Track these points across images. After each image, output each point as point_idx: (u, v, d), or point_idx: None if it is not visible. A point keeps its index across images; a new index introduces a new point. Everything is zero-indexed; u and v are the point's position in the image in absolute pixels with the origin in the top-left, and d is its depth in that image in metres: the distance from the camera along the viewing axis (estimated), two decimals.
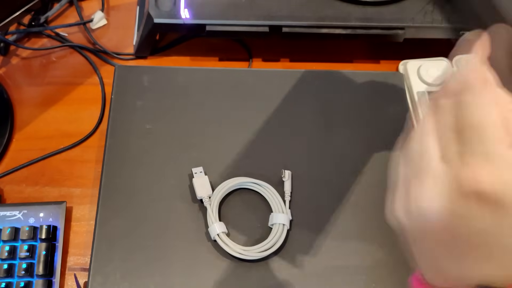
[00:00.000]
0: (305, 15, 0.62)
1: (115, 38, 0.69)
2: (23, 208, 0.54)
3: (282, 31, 0.62)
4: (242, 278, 0.51)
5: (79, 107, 0.63)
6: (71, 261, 0.54)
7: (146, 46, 0.66)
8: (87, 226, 0.56)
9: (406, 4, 0.63)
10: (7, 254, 0.51)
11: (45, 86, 0.64)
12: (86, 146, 0.61)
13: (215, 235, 0.51)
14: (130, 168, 0.55)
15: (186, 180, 0.55)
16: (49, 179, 0.58)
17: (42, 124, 0.62)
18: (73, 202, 0.57)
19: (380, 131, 0.59)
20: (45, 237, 0.52)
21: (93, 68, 0.66)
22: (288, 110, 0.60)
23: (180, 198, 0.54)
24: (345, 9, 0.62)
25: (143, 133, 0.57)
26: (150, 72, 0.62)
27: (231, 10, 0.61)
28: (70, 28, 0.69)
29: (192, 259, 0.51)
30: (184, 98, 0.60)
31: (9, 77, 0.65)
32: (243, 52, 0.68)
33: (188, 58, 0.68)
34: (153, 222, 0.53)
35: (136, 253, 0.51)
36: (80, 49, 0.67)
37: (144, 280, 0.50)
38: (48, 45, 0.68)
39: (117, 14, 0.71)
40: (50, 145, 0.60)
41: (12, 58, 0.67)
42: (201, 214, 0.53)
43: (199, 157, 0.56)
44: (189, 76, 0.61)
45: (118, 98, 0.59)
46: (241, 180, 0.54)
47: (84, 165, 0.59)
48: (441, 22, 0.63)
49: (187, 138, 0.57)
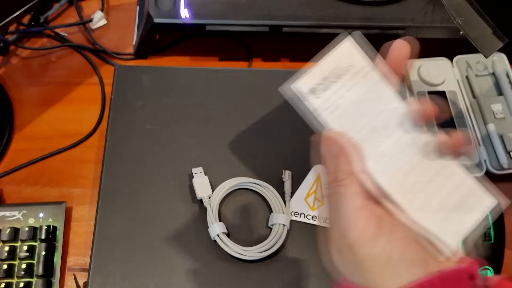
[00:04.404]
0: (306, 15, 0.62)
1: (115, 38, 0.69)
2: (22, 208, 0.54)
3: (282, 31, 0.61)
4: (242, 278, 0.51)
5: (79, 107, 0.63)
6: (71, 262, 0.54)
7: (146, 46, 0.66)
8: (87, 226, 0.56)
9: (407, 4, 0.63)
10: (7, 254, 0.51)
11: (44, 86, 0.64)
12: (86, 146, 0.61)
13: (215, 235, 0.51)
14: (130, 168, 0.55)
15: (186, 180, 0.55)
16: (49, 179, 0.58)
17: (41, 124, 0.62)
18: (73, 202, 0.57)
19: None
20: (45, 237, 0.52)
21: (92, 68, 0.66)
22: (288, 110, 0.59)
23: (180, 198, 0.54)
24: (345, 9, 0.62)
25: (143, 133, 0.57)
26: (150, 72, 0.62)
27: (231, 10, 0.61)
28: (69, 28, 0.69)
29: (192, 259, 0.51)
30: (184, 98, 0.59)
31: (9, 77, 0.65)
32: (243, 52, 0.68)
33: (188, 58, 0.68)
34: (153, 222, 0.52)
35: (136, 253, 0.51)
36: (79, 49, 0.67)
37: (144, 280, 0.50)
38: (48, 45, 0.67)
39: (117, 14, 0.71)
40: (49, 145, 0.60)
41: (12, 58, 0.66)
42: (201, 214, 0.53)
43: (199, 157, 0.56)
44: (189, 76, 0.61)
45: (118, 98, 0.59)
46: (241, 180, 0.54)
47: (84, 165, 0.59)
48: (441, 22, 0.62)
49: (187, 138, 0.57)
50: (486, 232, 0.55)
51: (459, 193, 0.31)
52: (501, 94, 0.64)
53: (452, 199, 0.31)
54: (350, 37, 0.32)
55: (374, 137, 0.31)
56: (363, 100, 0.31)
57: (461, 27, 0.38)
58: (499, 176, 0.60)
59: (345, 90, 0.31)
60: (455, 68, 0.66)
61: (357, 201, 0.29)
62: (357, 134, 0.31)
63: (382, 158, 0.30)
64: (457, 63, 0.66)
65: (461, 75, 0.66)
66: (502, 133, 0.61)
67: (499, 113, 0.62)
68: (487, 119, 0.62)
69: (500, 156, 0.59)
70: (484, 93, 0.64)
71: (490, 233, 0.55)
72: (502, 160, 0.59)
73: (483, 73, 0.65)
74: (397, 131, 0.31)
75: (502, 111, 0.62)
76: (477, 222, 0.31)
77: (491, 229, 0.55)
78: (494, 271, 0.54)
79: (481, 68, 0.66)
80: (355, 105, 0.31)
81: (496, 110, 0.62)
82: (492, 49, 0.38)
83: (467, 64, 0.66)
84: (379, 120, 0.31)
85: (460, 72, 0.66)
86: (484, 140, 0.61)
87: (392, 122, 0.31)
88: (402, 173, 0.31)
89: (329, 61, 0.31)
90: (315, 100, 0.31)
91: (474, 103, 0.64)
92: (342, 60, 0.31)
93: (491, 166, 0.60)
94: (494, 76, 0.65)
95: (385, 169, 0.30)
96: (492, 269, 0.54)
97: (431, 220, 0.30)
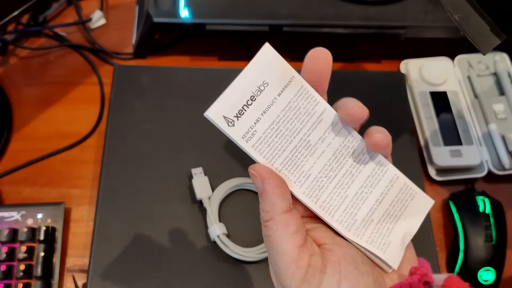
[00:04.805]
0: (306, 14, 0.61)
1: (114, 37, 0.68)
2: (21, 209, 0.54)
3: (282, 30, 0.61)
4: (242, 279, 0.50)
5: (78, 107, 0.63)
6: (70, 263, 0.54)
7: (145, 45, 0.66)
8: (86, 227, 0.55)
9: (408, 4, 0.63)
10: (6, 255, 0.51)
11: (43, 86, 0.64)
12: (85, 146, 0.60)
13: (214, 236, 0.51)
14: (129, 169, 0.55)
15: (185, 180, 0.55)
16: (48, 180, 0.58)
17: (40, 124, 0.61)
18: (72, 203, 0.57)
19: None
20: (44, 238, 0.52)
21: (92, 68, 0.66)
22: None
23: (180, 199, 0.54)
24: (346, 9, 0.62)
25: (142, 133, 0.57)
26: (150, 72, 0.61)
27: (231, 10, 0.61)
28: (68, 27, 0.68)
29: (191, 260, 0.51)
30: (184, 98, 0.59)
31: (8, 77, 0.64)
32: (243, 52, 0.68)
33: (188, 57, 0.68)
34: (153, 223, 0.52)
35: (135, 254, 0.51)
36: (79, 48, 0.67)
37: (143, 281, 0.50)
38: (47, 44, 0.67)
39: (116, 13, 0.70)
40: (48, 145, 0.60)
41: (11, 58, 0.66)
42: (200, 215, 0.53)
43: (198, 158, 0.56)
44: (189, 76, 0.61)
45: (117, 98, 0.59)
46: (241, 181, 0.54)
47: (82, 166, 0.59)
48: (442, 22, 0.62)
49: (187, 139, 0.57)
50: (488, 233, 0.54)
51: (399, 198, 0.30)
52: (503, 94, 0.63)
53: (394, 206, 0.29)
54: (267, 45, 0.27)
55: (297, 157, 0.28)
56: (283, 118, 0.27)
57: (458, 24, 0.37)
58: (500, 177, 0.60)
59: (263, 111, 0.27)
60: (456, 68, 0.66)
61: (284, 244, 0.26)
62: (279, 159, 0.27)
63: (307, 179, 0.28)
64: (459, 63, 0.66)
65: (463, 75, 0.65)
66: (503, 133, 0.60)
67: (500, 113, 0.62)
68: (488, 119, 0.62)
69: (502, 156, 0.59)
70: (485, 93, 0.64)
71: (492, 234, 0.54)
72: (504, 160, 0.59)
73: (485, 73, 0.65)
74: (324, 142, 0.28)
75: (504, 111, 0.62)
76: (419, 225, 0.30)
77: (493, 230, 0.55)
78: (496, 272, 0.54)
79: (482, 68, 0.65)
80: (274, 126, 0.27)
81: (497, 110, 0.62)
82: (489, 46, 0.38)
83: (468, 64, 0.66)
84: (303, 134, 0.28)
85: (461, 72, 0.65)
86: (485, 140, 0.61)
87: (317, 133, 0.28)
88: (330, 190, 0.28)
89: (245, 77, 0.27)
90: (230, 129, 0.27)
91: (475, 103, 0.64)
92: (258, 74, 0.27)
93: (492, 166, 0.60)
94: (495, 76, 0.65)
95: (311, 191, 0.28)
96: (494, 270, 0.54)
97: (373, 236, 0.28)
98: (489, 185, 0.61)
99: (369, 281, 0.27)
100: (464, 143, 0.60)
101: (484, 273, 0.54)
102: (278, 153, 0.27)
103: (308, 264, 0.26)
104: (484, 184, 0.61)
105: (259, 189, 0.27)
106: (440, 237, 0.58)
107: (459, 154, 0.59)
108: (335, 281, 0.26)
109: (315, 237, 0.28)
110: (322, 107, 0.29)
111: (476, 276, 0.54)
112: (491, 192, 0.58)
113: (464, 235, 0.55)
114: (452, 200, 0.58)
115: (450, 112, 0.62)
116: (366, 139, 0.28)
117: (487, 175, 0.60)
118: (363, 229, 0.28)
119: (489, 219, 0.55)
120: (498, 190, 0.59)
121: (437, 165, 0.59)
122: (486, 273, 0.54)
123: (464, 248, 0.55)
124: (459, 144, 0.60)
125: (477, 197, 0.56)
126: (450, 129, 0.61)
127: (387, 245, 0.28)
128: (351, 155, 0.29)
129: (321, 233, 0.28)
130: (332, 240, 0.28)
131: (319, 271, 0.26)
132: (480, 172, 0.60)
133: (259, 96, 0.27)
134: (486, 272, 0.54)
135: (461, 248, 0.55)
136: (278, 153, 0.27)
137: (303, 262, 0.26)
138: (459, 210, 0.57)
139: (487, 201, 0.56)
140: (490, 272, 0.54)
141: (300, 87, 0.28)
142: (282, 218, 0.27)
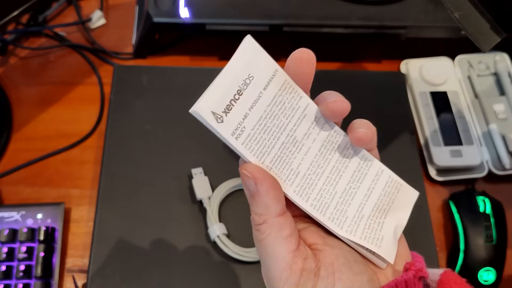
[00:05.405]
0: (306, 14, 0.61)
1: (114, 37, 0.68)
2: (21, 209, 0.53)
3: (282, 30, 0.61)
4: (242, 279, 0.50)
5: (78, 107, 0.63)
6: (70, 263, 0.53)
7: (145, 45, 0.65)
8: (86, 228, 0.55)
9: (408, 4, 0.62)
10: (5, 255, 0.51)
11: (43, 86, 0.64)
12: (85, 146, 0.60)
13: (215, 236, 0.50)
14: (129, 169, 0.55)
15: (185, 181, 0.55)
16: (48, 180, 0.58)
17: (40, 124, 0.61)
18: (72, 203, 0.57)
19: (381, 130, 0.58)
20: (44, 238, 0.52)
21: (91, 68, 0.66)
22: None
23: (180, 199, 0.54)
24: (346, 8, 0.62)
25: (142, 134, 0.57)
26: (149, 72, 0.61)
27: (231, 9, 0.61)
28: (68, 27, 0.68)
29: (191, 260, 0.51)
30: (184, 98, 0.59)
31: (7, 77, 0.64)
32: None
33: (187, 57, 0.68)
34: (152, 223, 0.52)
35: (135, 254, 0.51)
36: (78, 48, 0.67)
37: (143, 281, 0.49)
38: (47, 44, 0.67)
39: (116, 13, 0.70)
40: (48, 145, 0.60)
41: (11, 58, 0.66)
42: (200, 215, 0.53)
43: (198, 158, 0.56)
44: (189, 76, 0.61)
45: (117, 98, 0.59)
46: (241, 181, 0.54)
47: (82, 166, 0.59)
48: (442, 22, 0.62)
49: (187, 139, 0.57)
50: (488, 234, 0.54)
51: (385, 191, 0.29)
52: (503, 94, 0.63)
53: (382, 200, 0.29)
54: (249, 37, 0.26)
55: (285, 154, 0.27)
56: (270, 113, 0.26)
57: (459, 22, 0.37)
58: (501, 177, 0.60)
59: (250, 107, 0.26)
60: (456, 68, 0.66)
61: (278, 249, 0.25)
62: (268, 157, 0.26)
63: (296, 177, 0.27)
64: (459, 63, 0.66)
65: (463, 75, 0.65)
66: (504, 133, 0.60)
67: (501, 113, 0.62)
68: (489, 119, 0.61)
69: (502, 156, 0.59)
70: (486, 93, 0.64)
71: (492, 234, 0.54)
72: (504, 160, 0.59)
73: (485, 73, 0.65)
74: (310, 137, 0.28)
75: (504, 111, 0.62)
76: (408, 217, 0.29)
77: (493, 230, 0.55)
78: (496, 273, 0.54)
79: (483, 68, 0.65)
80: (262, 122, 0.26)
81: (498, 110, 0.62)
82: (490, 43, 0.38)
83: (468, 64, 0.66)
84: (289, 130, 0.27)
85: (461, 72, 0.65)
86: (486, 141, 0.61)
87: (303, 128, 0.27)
88: (319, 187, 0.27)
89: (230, 70, 0.26)
90: (219, 126, 0.25)
91: (475, 103, 0.64)
92: (243, 67, 0.26)
93: (493, 166, 0.60)
94: (496, 76, 0.65)
95: (301, 189, 0.27)
96: (495, 270, 0.54)
97: (366, 232, 0.28)
98: (489, 185, 0.61)
99: (363, 281, 0.26)
100: (465, 143, 0.60)
101: (484, 273, 0.54)
102: (267, 151, 0.26)
103: (302, 268, 0.25)
104: (485, 184, 0.61)
105: (251, 190, 0.26)
106: (440, 237, 0.58)
107: (460, 154, 0.59)
108: (329, 283, 0.25)
109: (305, 237, 0.27)
110: (306, 102, 0.28)
111: (476, 276, 0.54)
112: (491, 192, 0.58)
113: (465, 235, 0.55)
114: (452, 200, 0.58)
115: (451, 112, 0.62)
116: (349, 134, 0.28)
117: (488, 175, 0.60)
118: (355, 225, 0.28)
119: (490, 219, 0.55)
120: (498, 190, 0.59)
121: (437, 165, 0.59)
122: (487, 273, 0.54)
123: (464, 248, 0.55)
124: (459, 144, 0.60)
125: (477, 197, 0.56)
126: (450, 129, 0.61)
127: (380, 239, 0.28)
128: (336, 150, 0.28)
129: (311, 233, 0.28)
130: (323, 241, 0.27)
131: (313, 274, 0.25)
132: (480, 172, 0.60)
133: (245, 90, 0.26)
134: (486, 272, 0.54)
135: (461, 248, 0.55)
136: (268, 150, 0.26)
137: (297, 267, 0.25)
138: (460, 210, 0.56)
139: (488, 201, 0.56)
140: (490, 272, 0.54)
141: (284, 81, 0.28)
142: (276, 221, 0.26)
